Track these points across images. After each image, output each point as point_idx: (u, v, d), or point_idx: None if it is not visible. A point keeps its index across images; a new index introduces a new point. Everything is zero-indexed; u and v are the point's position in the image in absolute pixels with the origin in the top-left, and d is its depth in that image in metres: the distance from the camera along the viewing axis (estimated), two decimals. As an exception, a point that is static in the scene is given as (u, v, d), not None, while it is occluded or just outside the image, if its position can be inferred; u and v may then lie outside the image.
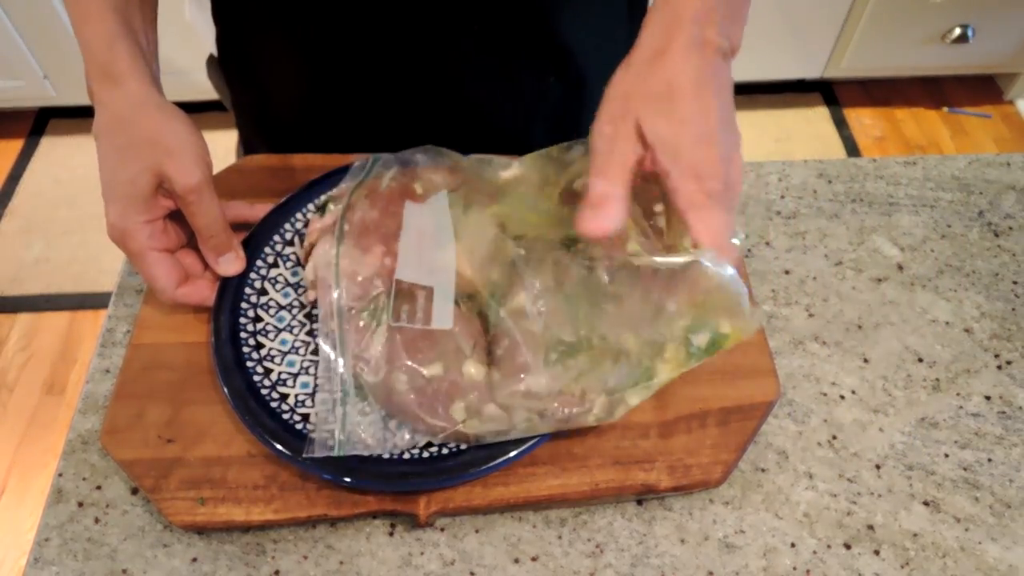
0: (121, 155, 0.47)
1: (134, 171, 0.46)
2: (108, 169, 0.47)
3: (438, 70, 0.60)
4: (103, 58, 0.47)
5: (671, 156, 0.40)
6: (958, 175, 0.64)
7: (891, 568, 0.44)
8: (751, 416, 0.48)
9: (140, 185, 0.46)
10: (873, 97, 1.98)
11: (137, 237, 0.47)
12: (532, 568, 0.44)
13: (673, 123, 0.40)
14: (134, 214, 0.47)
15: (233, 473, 0.46)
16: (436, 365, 0.45)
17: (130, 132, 0.47)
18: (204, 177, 0.47)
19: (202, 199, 0.47)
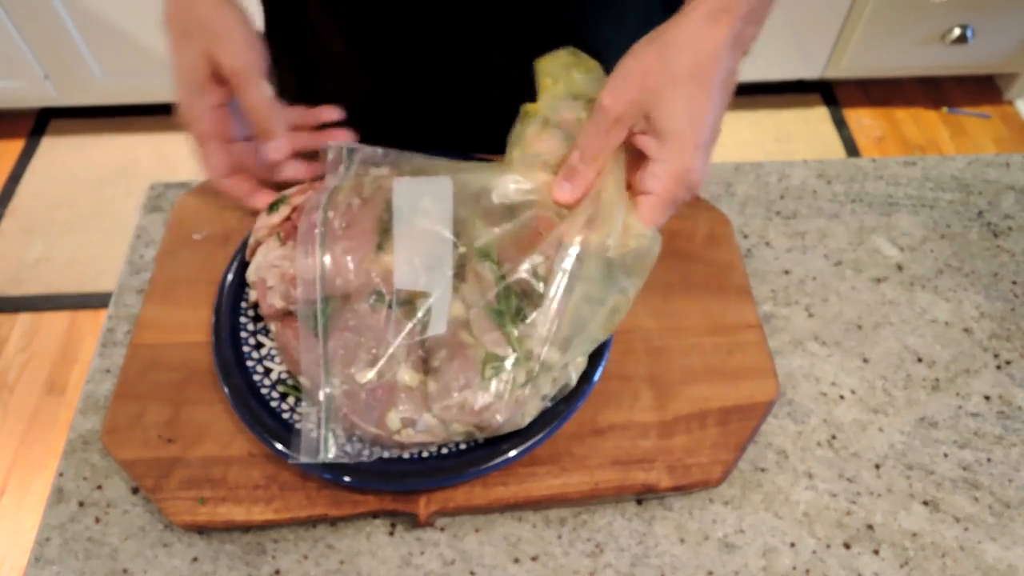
0: (181, 42, 0.49)
1: (191, 56, 0.49)
2: (174, 56, 0.50)
3: (470, 74, 0.60)
4: None
5: (669, 151, 0.42)
6: (957, 175, 0.64)
7: (890, 568, 0.45)
8: (751, 416, 0.48)
9: (197, 70, 0.49)
10: (873, 97, 1.98)
11: (198, 123, 0.50)
12: (532, 568, 0.45)
13: (683, 121, 0.41)
14: (196, 99, 0.50)
15: (233, 473, 0.46)
16: (370, 371, 0.44)
17: (187, 19, 0.49)
18: (252, 62, 0.48)
19: (249, 82, 0.48)
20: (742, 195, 0.62)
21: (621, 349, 0.51)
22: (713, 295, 0.54)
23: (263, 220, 0.50)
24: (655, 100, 0.41)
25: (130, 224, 1.60)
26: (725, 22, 0.41)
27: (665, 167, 0.42)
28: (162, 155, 1.86)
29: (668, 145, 0.42)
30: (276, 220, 0.50)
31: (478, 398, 0.43)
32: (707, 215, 0.58)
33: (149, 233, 0.60)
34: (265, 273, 0.48)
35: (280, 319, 0.47)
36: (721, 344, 0.51)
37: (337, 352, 0.44)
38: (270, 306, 0.47)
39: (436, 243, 0.46)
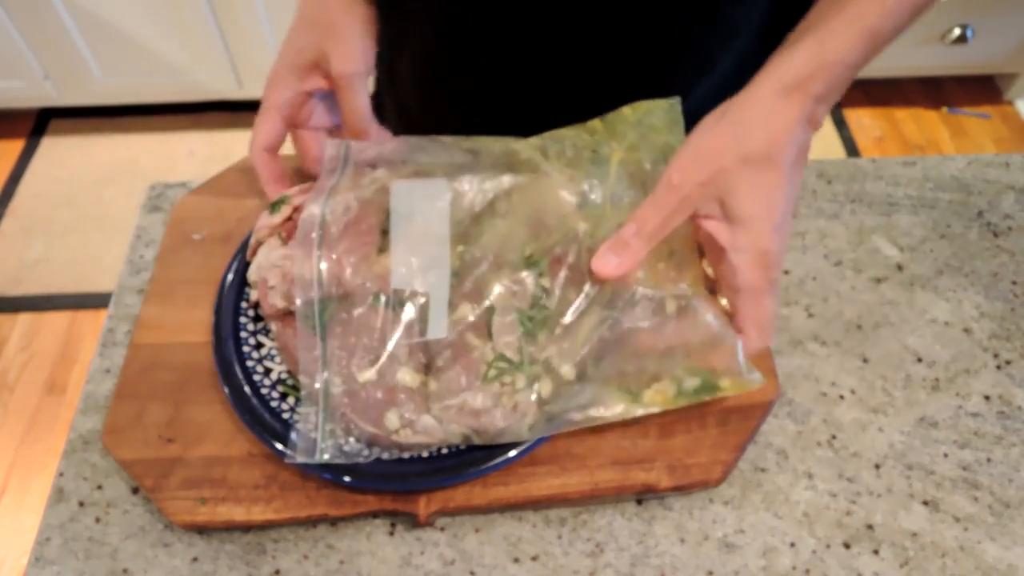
0: (301, 26, 0.52)
1: (303, 43, 0.51)
2: (291, 34, 0.53)
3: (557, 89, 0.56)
4: None
5: (745, 237, 0.39)
6: (957, 175, 0.64)
7: (890, 567, 0.45)
8: (751, 416, 0.48)
9: (303, 56, 0.51)
10: (872, 97, 1.98)
11: (274, 94, 0.52)
12: (532, 568, 0.45)
13: (759, 206, 0.39)
14: (286, 76, 0.52)
15: (233, 473, 0.46)
16: (370, 371, 0.44)
17: (314, 10, 0.52)
18: (359, 70, 0.50)
19: (352, 88, 0.50)
20: (742, 195, 0.62)
21: (621, 349, 0.51)
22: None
23: (264, 220, 0.50)
24: (727, 184, 0.39)
25: (130, 224, 1.60)
26: (797, 100, 0.39)
27: (743, 256, 0.40)
28: (162, 155, 1.86)
29: (743, 231, 0.39)
30: (277, 220, 0.50)
31: (478, 399, 0.43)
32: (707, 215, 0.58)
33: (149, 233, 0.60)
34: (267, 273, 0.48)
35: (281, 319, 0.47)
36: (721, 344, 0.51)
37: (336, 352, 0.44)
38: (271, 306, 0.47)
39: (434, 245, 0.46)
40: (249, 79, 1.75)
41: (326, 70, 0.51)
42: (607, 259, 0.42)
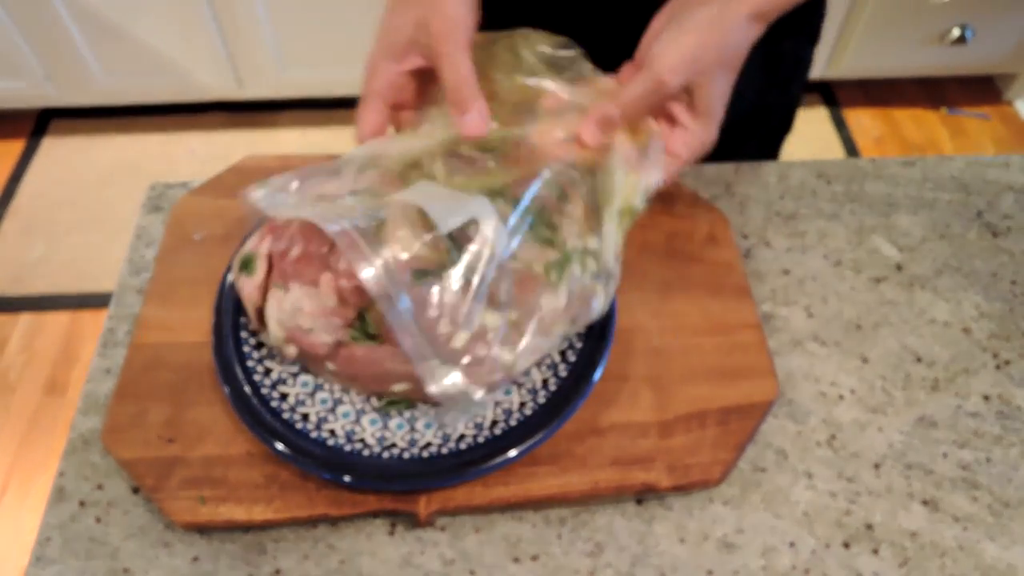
0: (398, 6, 0.50)
1: (401, 19, 0.49)
2: (386, 17, 0.51)
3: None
4: None
5: (702, 126, 0.48)
6: (957, 176, 0.64)
7: (890, 567, 0.45)
8: (750, 416, 0.48)
9: (402, 32, 0.49)
10: (872, 98, 1.98)
11: (374, 78, 0.50)
12: (532, 567, 0.45)
13: (720, 104, 0.48)
14: (386, 57, 0.50)
15: (234, 473, 0.46)
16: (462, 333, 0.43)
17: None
18: (461, 35, 0.48)
19: (454, 52, 0.48)
20: (742, 195, 0.63)
21: (621, 349, 0.51)
22: (713, 295, 0.54)
23: (249, 285, 0.47)
24: (703, 81, 0.47)
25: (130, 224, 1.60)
26: (759, 27, 0.48)
27: (696, 139, 0.48)
28: (162, 155, 1.86)
29: (702, 121, 0.48)
30: (261, 276, 0.47)
31: (560, 299, 0.45)
32: (707, 215, 0.58)
33: (149, 233, 0.60)
34: (297, 320, 0.45)
35: (334, 353, 0.45)
36: (721, 344, 0.52)
37: (426, 331, 0.43)
38: (323, 345, 0.45)
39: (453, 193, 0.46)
40: (249, 79, 1.75)
41: (425, 44, 0.49)
42: (593, 131, 0.48)
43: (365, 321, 0.45)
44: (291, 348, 0.46)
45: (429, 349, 0.42)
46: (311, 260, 0.45)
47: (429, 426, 0.47)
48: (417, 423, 0.47)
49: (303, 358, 0.47)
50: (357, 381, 0.47)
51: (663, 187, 0.49)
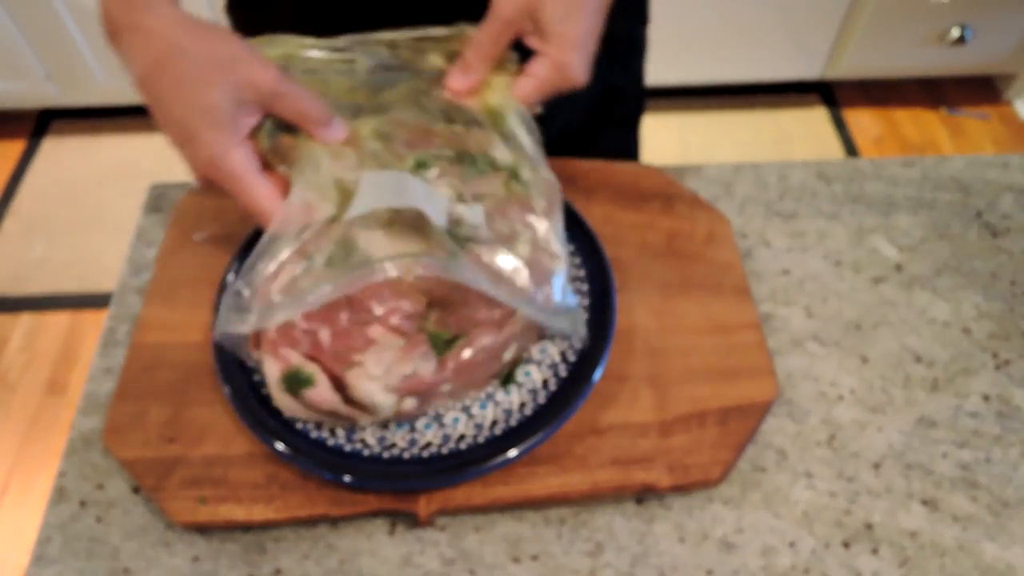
0: (191, 85, 0.44)
1: (213, 95, 0.44)
2: (180, 104, 0.45)
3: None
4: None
5: (552, 46, 0.49)
6: (956, 176, 0.64)
7: (889, 567, 0.45)
8: (750, 416, 0.48)
9: (224, 107, 0.45)
10: (872, 98, 1.98)
11: (238, 160, 0.46)
12: (532, 567, 0.45)
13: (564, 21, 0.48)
14: (228, 137, 0.45)
15: (234, 472, 0.46)
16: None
17: (191, 58, 0.44)
18: (281, 72, 0.46)
19: (292, 85, 0.47)
20: (741, 195, 0.63)
21: (621, 349, 0.51)
22: (712, 295, 0.54)
23: (317, 395, 0.44)
24: (540, 5, 0.48)
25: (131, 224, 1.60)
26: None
27: (548, 59, 0.49)
28: (163, 155, 1.86)
29: (551, 41, 0.49)
30: (323, 378, 0.44)
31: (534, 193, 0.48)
32: (706, 215, 0.58)
33: (150, 233, 0.60)
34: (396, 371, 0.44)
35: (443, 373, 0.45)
36: (720, 344, 0.52)
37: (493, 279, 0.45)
38: (430, 373, 0.44)
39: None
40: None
41: (252, 99, 0.46)
42: (458, 78, 0.51)
43: (436, 335, 0.45)
44: (409, 401, 0.44)
45: (510, 288, 0.44)
46: (347, 330, 0.44)
47: (429, 426, 0.47)
48: (417, 423, 0.47)
49: (420, 396, 0.45)
50: (473, 381, 0.46)
51: (534, 107, 0.51)
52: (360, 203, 0.45)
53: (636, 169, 0.61)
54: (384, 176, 0.47)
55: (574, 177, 0.60)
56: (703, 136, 1.90)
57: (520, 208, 0.48)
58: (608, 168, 0.61)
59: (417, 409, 0.45)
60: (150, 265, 0.58)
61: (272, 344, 0.44)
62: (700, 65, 1.84)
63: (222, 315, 0.43)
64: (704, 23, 1.74)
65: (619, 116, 0.74)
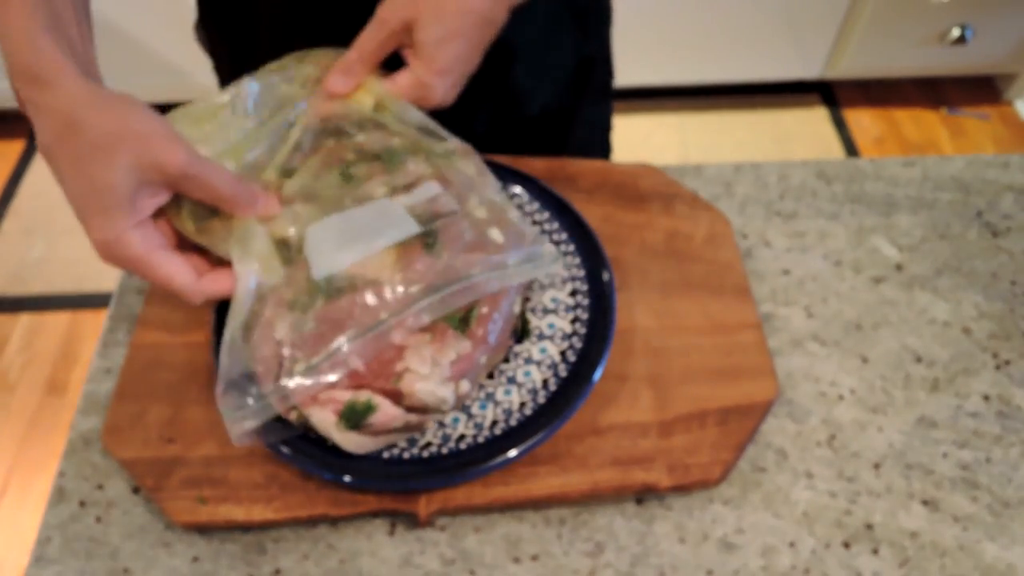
0: (87, 163, 0.41)
1: (113, 175, 0.41)
2: (77, 182, 0.42)
3: None
4: (27, 59, 0.42)
5: (418, 66, 0.50)
6: (957, 176, 0.64)
7: (890, 567, 0.45)
8: (750, 416, 0.48)
9: (123, 188, 0.42)
10: (872, 98, 1.98)
11: (135, 242, 0.43)
12: (532, 567, 0.45)
13: (434, 45, 0.49)
14: (124, 220, 0.42)
15: (234, 472, 0.46)
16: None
17: (89, 135, 0.41)
18: (191, 149, 0.43)
19: (204, 167, 0.43)
20: (741, 195, 0.63)
21: (621, 349, 0.51)
22: (712, 295, 0.54)
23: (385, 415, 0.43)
24: (420, 21, 0.48)
25: (130, 224, 1.60)
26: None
27: (413, 76, 0.50)
28: (162, 155, 1.86)
29: (421, 60, 0.49)
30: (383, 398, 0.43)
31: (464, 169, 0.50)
32: (706, 215, 0.58)
33: (150, 233, 0.60)
34: (445, 360, 0.44)
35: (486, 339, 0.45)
36: (720, 344, 0.52)
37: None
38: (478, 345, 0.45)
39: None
40: (249, 79, 1.75)
41: (160, 180, 0.43)
42: (337, 80, 0.51)
43: (451, 318, 0.45)
44: (464, 384, 0.44)
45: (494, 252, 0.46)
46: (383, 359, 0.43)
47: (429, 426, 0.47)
48: None
49: (470, 374, 0.45)
50: (500, 343, 0.47)
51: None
52: (320, 265, 0.44)
53: (636, 169, 0.61)
54: (330, 225, 0.45)
55: (574, 177, 0.60)
56: (703, 136, 1.90)
57: (456, 176, 0.49)
58: (608, 168, 0.61)
59: (472, 390, 0.45)
60: (150, 265, 0.58)
61: (309, 397, 0.43)
62: (700, 65, 1.84)
63: (229, 418, 0.42)
64: (704, 23, 1.74)
65: (595, 85, 0.75)
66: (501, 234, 0.47)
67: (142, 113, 0.43)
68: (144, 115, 0.43)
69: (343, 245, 0.45)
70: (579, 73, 0.71)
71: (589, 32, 0.71)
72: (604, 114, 0.79)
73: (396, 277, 0.43)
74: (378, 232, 0.45)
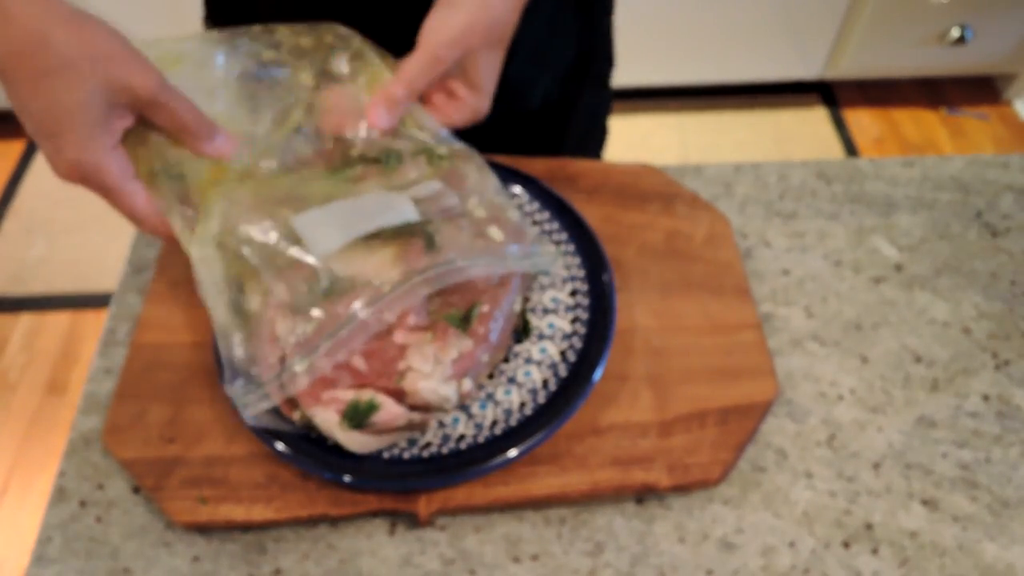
0: (54, 79, 0.40)
1: (82, 93, 0.40)
2: (40, 100, 0.40)
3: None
4: None
5: (476, 99, 0.51)
6: (956, 176, 0.64)
7: (889, 567, 0.45)
8: (750, 416, 0.48)
9: (95, 107, 0.41)
10: (872, 98, 1.98)
11: (111, 167, 0.42)
12: (532, 567, 0.45)
13: (492, 78, 0.51)
14: (98, 139, 0.41)
15: (234, 472, 0.46)
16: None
17: (56, 51, 0.39)
18: (161, 74, 0.43)
19: (173, 95, 0.43)
20: (741, 195, 0.63)
21: (621, 349, 0.51)
22: (712, 295, 0.54)
23: (388, 414, 0.43)
24: (476, 59, 0.49)
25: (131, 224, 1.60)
26: (523, 4, 0.51)
27: (470, 108, 0.52)
28: (162, 155, 1.86)
29: (477, 94, 0.51)
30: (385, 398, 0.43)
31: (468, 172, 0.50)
32: (706, 215, 0.58)
33: (150, 233, 0.60)
34: (446, 358, 0.44)
35: (488, 339, 0.45)
36: (720, 344, 0.52)
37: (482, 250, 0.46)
38: (478, 344, 0.45)
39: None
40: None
41: (128, 102, 0.42)
42: (381, 115, 0.50)
43: (451, 316, 0.45)
44: (466, 382, 0.45)
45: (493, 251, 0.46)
46: (375, 349, 0.43)
47: (429, 426, 0.47)
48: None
49: (472, 373, 0.45)
50: (501, 342, 0.47)
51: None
52: (316, 245, 0.44)
53: (636, 169, 0.61)
54: (329, 210, 0.45)
55: (574, 177, 0.60)
56: (703, 136, 1.90)
57: (457, 178, 0.49)
58: (608, 168, 0.61)
59: (474, 389, 0.46)
60: (150, 265, 0.58)
61: (312, 396, 0.43)
62: (700, 65, 1.84)
63: (240, 402, 0.43)
64: (704, 23, 1.74)
65: (594, 74, 0.75)
66: (501, 232, 0.47)
67: (111, 33, 0.42)
68: (114, 35, 0.42)
69: (340, 228, 0.45)
70: (580, 63, 0.71)
71: (591, 25, 0.71)
72: (603, 101, 0.79)
73: (394, 273, 0.44)
74: (375, 216, 0.45)
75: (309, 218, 0.45)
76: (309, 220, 0.45)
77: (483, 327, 0.45)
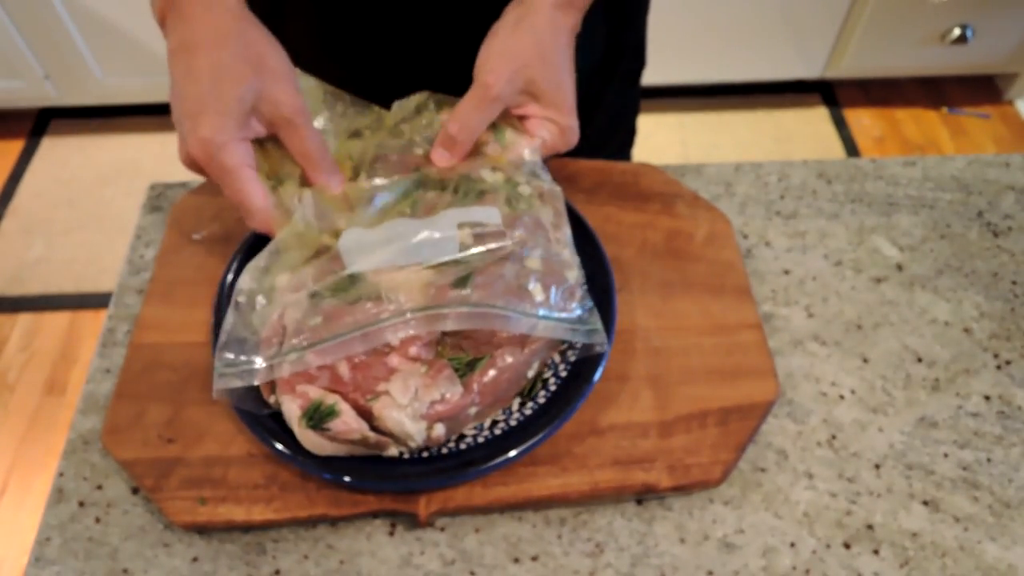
0: (224, 70, 0.45)
1: (240, 88, 0.45)
2: (205, 82, 0.45)
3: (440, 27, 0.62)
4: None
5: (552, 110, 0.52)
6: (957, 175, 0.64)
7: (890, 567, 0.45)
8: (751, 416, 0.48)
9: (244, 102, 0.46)
10: (872, 97, 1.97)
11: (236, 152, 0.46)
12: (532, 568, 0.45)
13: (557, 85, 0.51)
14: (233, 129, 0.46)
15: (234, 473, 0.46)
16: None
17: (235, 47, 0.45)
18: (303, 102, 0.48)
19: (308, 122, 0.48)
20: (742, 195, 0.62)
21: (621, 349, 0.51)
22: (713, 295, 0.54)
23: (342, 424, 0.43)
24: (532, 73, 0.50)
25: (130, 224, 1.60)
26: (572, 13, 0.52)
27: (553, 125, 0.52)
28: (162, 155, 1.86)
29: (550, 105, 0.51)
30: (346, 407, 0.43)
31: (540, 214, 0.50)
32: (707, 215, 0.58)
33: (149, 233, 0.60)
34: (426, 398, 0.44)
35: (470, 396, 0.45)
36: (721, 344, 0.51)
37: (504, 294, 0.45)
38: (460, 396, 0.44)
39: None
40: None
41: (270, 114, 0.47)
42: (441, 154, 0.51)
43: (456, 359, 0.45)
44: (438, 428, 0.44)
45: (527, 305, 0.44)
46: (366, 362, 0.44)
47: (429, 426, 0.47)
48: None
49: (449, 423, 0.44)
50: (499, 400, 0.46)
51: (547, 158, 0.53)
52: (351, 262, 0.46)
53: (636, 169, 0.61)
54: (377, 230, 0.47)
55: (574, 177, 0.60)
56: (703, 136, 1.89)
57: (529, 225, 0.48)
58: (608, 168, 0.61)
59: (446, 435, 0.45)
60: (150, 265, 0.57)
61: (288, 384, 0.43)
62: (700, 65, 1.84)
63: (220, 372, 0.43)
64: (704, 23, 1.74)
65: (623, 72, 0.74)
66: (542, 291, 0.45)
67: (281, 51, 0.48)
68: (283, 56, 0.48)
69: (377, 249, 0.46)
70: (608, 59, 0.70)
71: (624, 19, 0.70)
72: (629, 100, 0.78)
73: (420, 298, 0.43)
74: (419, 248, 0.46)
75: (353, 237, 0.46)
76: (353, 239, 0.46)
77: (481, 382, 0.44)
